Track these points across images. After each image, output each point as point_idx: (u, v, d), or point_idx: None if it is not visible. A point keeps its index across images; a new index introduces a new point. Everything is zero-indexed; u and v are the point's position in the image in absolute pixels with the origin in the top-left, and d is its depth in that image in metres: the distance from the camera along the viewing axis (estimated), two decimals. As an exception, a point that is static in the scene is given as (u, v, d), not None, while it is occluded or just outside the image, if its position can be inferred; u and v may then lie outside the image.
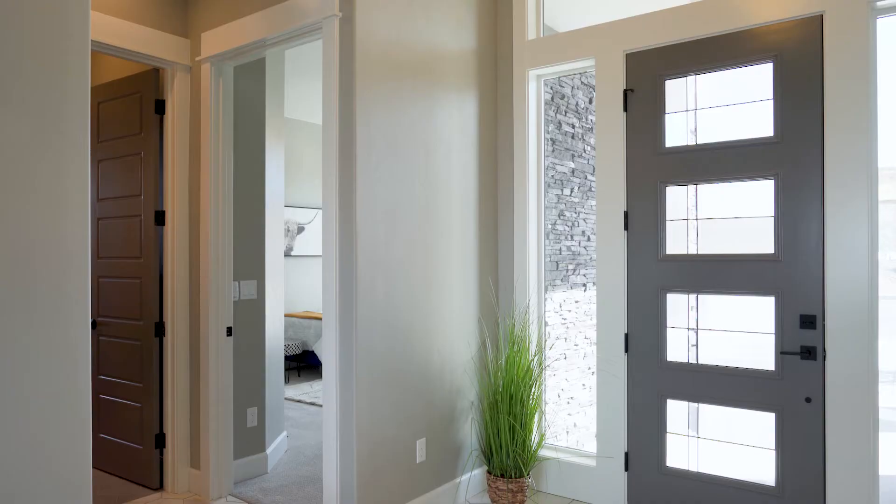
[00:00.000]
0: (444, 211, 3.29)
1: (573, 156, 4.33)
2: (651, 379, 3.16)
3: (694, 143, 3.05)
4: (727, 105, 2.99)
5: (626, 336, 3.24)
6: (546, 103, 3.96)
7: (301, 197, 7.71)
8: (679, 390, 3.08)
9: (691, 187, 3.09)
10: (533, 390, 3.21)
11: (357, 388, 2.80)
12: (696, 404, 3.08)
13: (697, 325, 3.04)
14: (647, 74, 3.19)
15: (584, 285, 4.47)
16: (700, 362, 3.04)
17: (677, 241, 3.11)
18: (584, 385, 4.44)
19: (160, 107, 3.54)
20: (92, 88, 3.84)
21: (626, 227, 3.25)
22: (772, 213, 2.85)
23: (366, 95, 2.84)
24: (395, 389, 2.99)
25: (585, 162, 4.47)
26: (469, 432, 3.45)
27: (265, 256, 3.88)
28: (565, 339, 4.22)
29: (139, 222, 3.58)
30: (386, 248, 2.94)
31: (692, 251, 3.07)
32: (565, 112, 4.21)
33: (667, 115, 3.14)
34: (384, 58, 2.94)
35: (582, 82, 4.42)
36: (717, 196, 3.03)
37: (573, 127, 4.31)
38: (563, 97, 4.18)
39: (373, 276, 2.87)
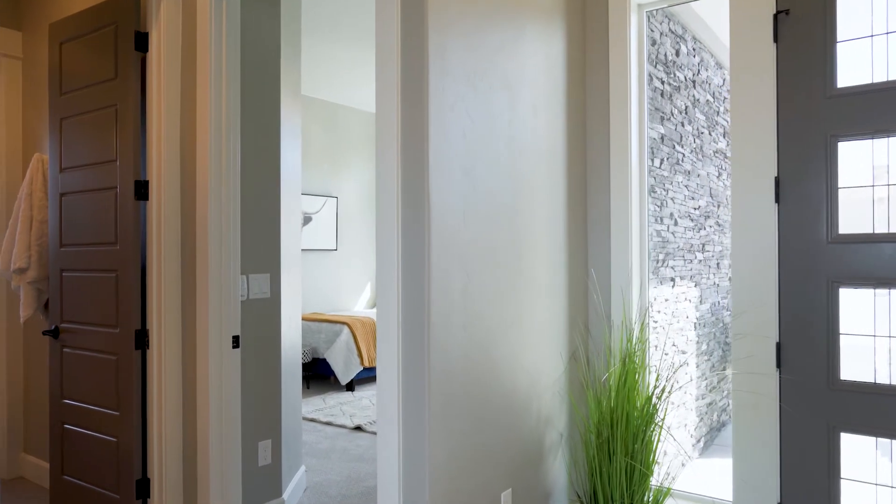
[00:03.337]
0: (530, 175, 2.43)
1: (662, 119, 3.48)
2: (817, 404, 2.32)
3: (884, 80, 2.21)
4: (934, 25, 2.16)
5: (778, 346, 2.40)
6: (635, 49, 3.11)
7: (307, 183, 6.82)
8: (859, 420, 2.24)
9: (879, 141, 2.25)
10: (657, 421, 2.36)
11: (431, 426, 1.93)
12: (887, 440, 2.24)
13: (890, 332, 2.22)
14: (809, -10, 2.34)
15: (673, 280, 3.62)
16: (894, 383, 2.20)
17: (857, 217, 2.27)
18: (672, 403, 3.59)
19: (142, 42, 2.65)
20: (52, 25, 2.95)
21: (776, 199, 2.40)
22: None
23: (438, 6, 1.97)
24: (478, 424, 2.13)
25: (673, 128, 3.63)
26: (559, 473, 2.59)
27: (280, 243, 3.00)
28: (655, 346, 3.38)
29: (114, 197, 2.69)
30: (465, 224, 2.07)
31: (880, 230, 2.23)
32: (655, 63, 3.36)
33: (839, 44, 2.29)
34: (460, -45, 2.07)
35: (670, 29, 3.58)
36: (919, 153, 2.19)
37: (662, 83, 3.47)
38: (654, 43, 3.33)
39: (447, 265, 2.00)
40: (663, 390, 2.38)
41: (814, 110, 2.33)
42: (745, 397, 2.44)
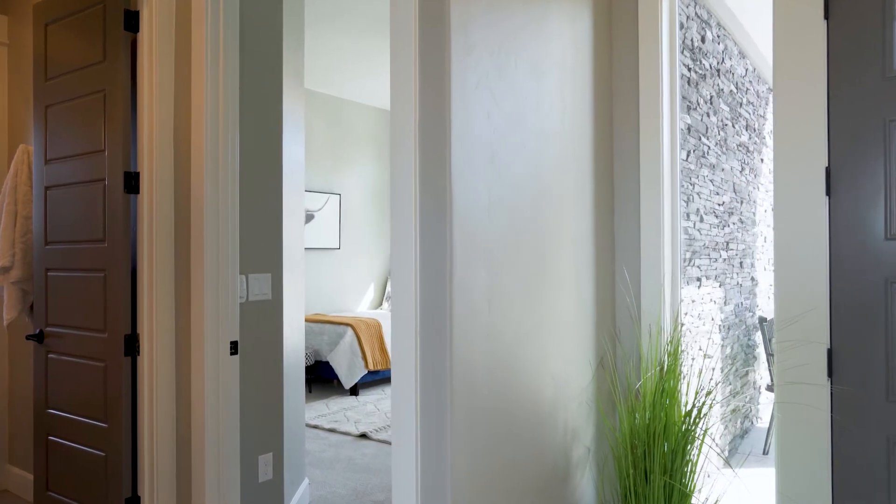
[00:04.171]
0: (557, 165, 2.22)
1: (689, 108, 3.27)
2: (874, 418, 2.11)
3: (951, 60, 2.00)
4: None
5: (830, 352, 2.19)
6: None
7: (309, 180, 6.61)
8: (923, 436, 2.03)
9: (944, 127, 2.04)
10: (698, 436, 2.15)
11: (453, 446, 1.72)
12: (954, 458, 2.03)
13: (958, 338, 2.01)
14: (864, -38, 2.13)
15: (699, 280, 3.41)
16: (962, 394, 1.99)
17: (919, 210, 2.06)
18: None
19: (131, 21, 2.44)
20: (36, 5, 2.74)
21: (827, 192, 2.19)
22: None
23: (459, -27, 1.76)
24: (503, 438, 1.92)
25: (699, 118, 3.42)
26: (586, 492, 2.38)
27: (282, 241, 2.78)
28: (682, 350, 3.16)
29: (102, 190, 2.48)
30: (490, 219, 1.86)
31: (946, 224, 2.03)
32: (682, 49, 3.15)
33: (899, 21, 2.08)
34: (483, -82, 1.86)
35: (696, 14, 3.37)
36: None
37: (689, 70, 3.26)
38: (681, 27, 3.12)
39: (470, 264, 1.79)
40: (704, 402, 2.17)
41: (870, 93, 2.12)
42: (792, 409, 2.22)
